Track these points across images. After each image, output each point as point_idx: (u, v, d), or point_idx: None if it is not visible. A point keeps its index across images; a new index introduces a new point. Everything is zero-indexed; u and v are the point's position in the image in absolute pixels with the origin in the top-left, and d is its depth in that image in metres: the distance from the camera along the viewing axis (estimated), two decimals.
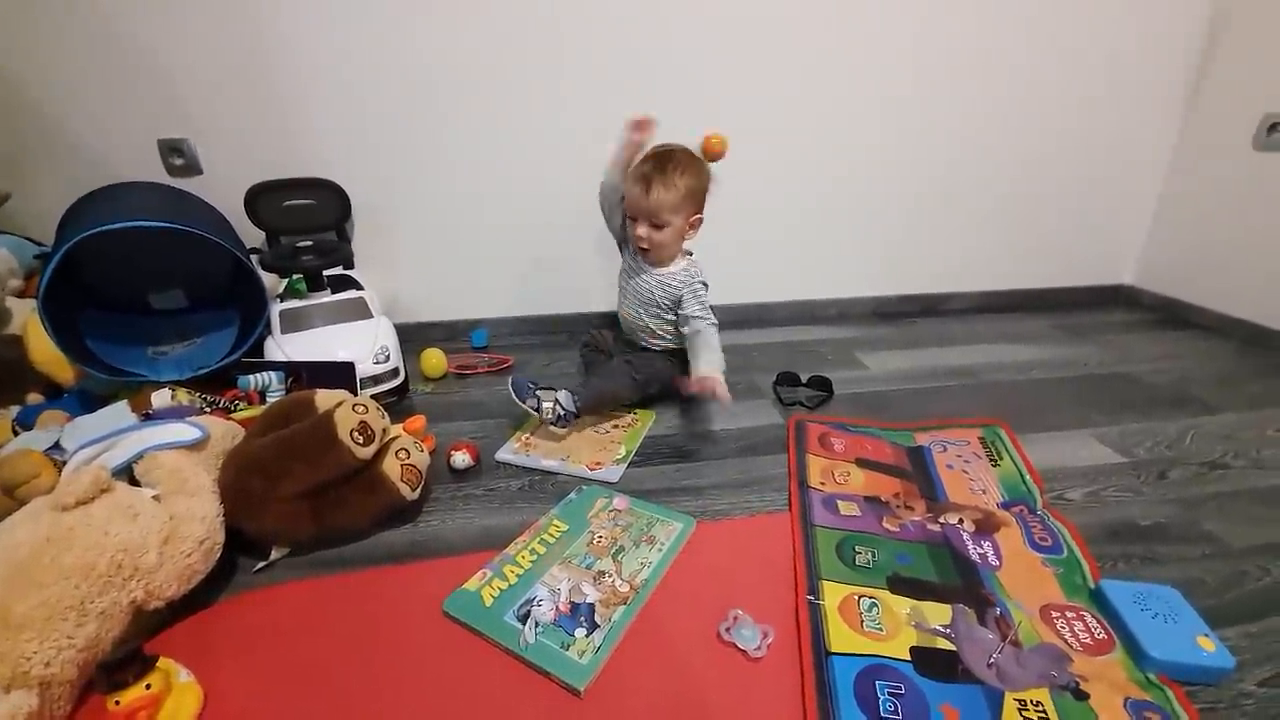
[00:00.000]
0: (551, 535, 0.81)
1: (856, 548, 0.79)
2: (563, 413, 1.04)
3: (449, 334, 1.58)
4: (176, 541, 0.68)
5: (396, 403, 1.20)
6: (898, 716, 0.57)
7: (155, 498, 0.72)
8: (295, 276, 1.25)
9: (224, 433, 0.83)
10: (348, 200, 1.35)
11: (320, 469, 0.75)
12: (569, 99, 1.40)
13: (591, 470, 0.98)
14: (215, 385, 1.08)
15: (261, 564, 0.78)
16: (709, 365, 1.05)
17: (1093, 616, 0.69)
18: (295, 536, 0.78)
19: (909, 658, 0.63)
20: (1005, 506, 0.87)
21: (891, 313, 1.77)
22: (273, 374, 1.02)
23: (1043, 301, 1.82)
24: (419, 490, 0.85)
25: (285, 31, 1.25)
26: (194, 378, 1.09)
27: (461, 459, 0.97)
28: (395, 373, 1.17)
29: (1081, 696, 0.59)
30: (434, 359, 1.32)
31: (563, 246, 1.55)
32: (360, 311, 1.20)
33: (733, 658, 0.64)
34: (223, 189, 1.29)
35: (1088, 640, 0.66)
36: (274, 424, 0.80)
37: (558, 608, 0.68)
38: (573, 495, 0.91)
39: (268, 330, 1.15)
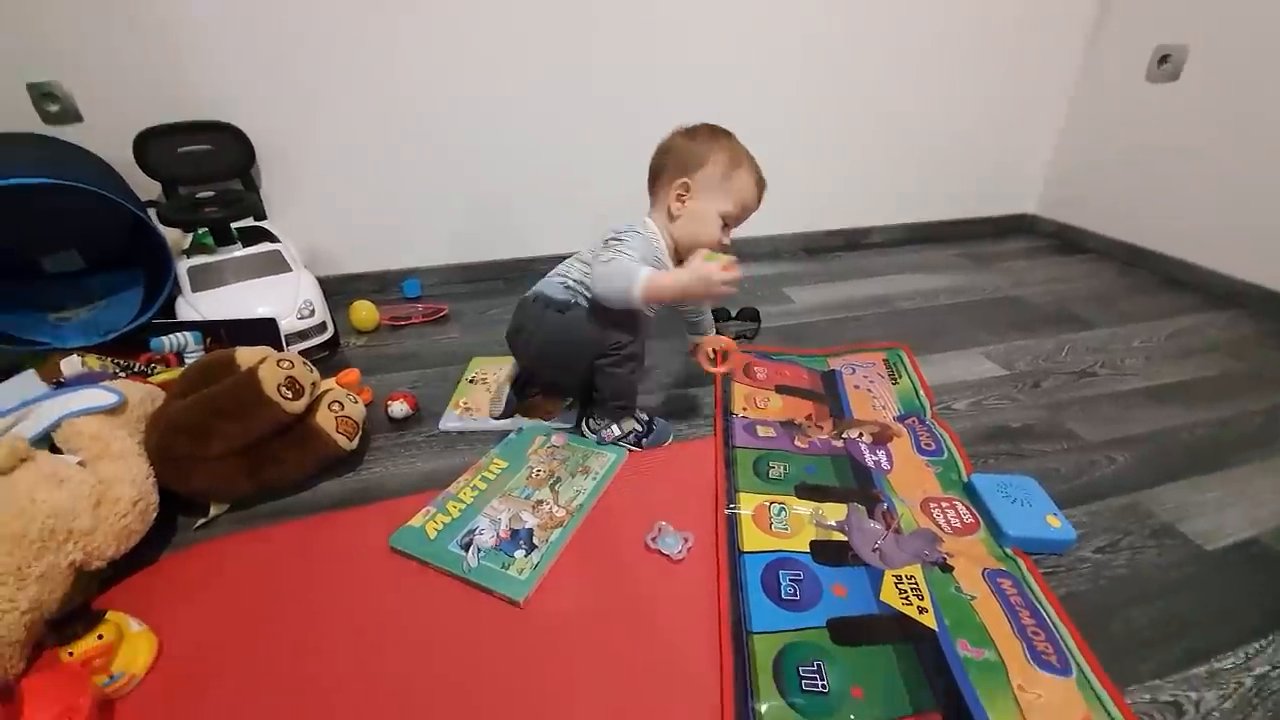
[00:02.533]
0: (492, 472, 0.86)
1: (770, 463, 0.87)
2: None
3: (379, 285, 1.55)
4: (109, 504, 0.68)
5: (328, 358, 1.19)
6: (796, 597, 0.66)
7: (80, 464, 0.72)
8: (200, 230, 1.19)
9: (143, 396, 0.82)
10: (250, 144, 1.27)
11: (249, 426, 0.76)
12: (505, 22, 1.34)
13: (547, 419, 1.00)
14: (129, 349, 1.04)
15: (202, 520, 0.79)
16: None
17: (963, 505, 0.80)
18: (231, 494, 0.79)
19: (808, 550, 0.72)
20: (900, 419, 0.98)
21: (818, 248, 1.84)
22: (189, 334, 1.00)
23: (956, 232, 1.93)
24: (357, 440, 0.87)
25: None
26: (104, 343, 1.05)
27: (399, 408, 0.99)
28: (322, 327, 1.15)
29: (947, 569, 0.70)
30: (364, 311, 1.30)
31: (499, 189, 1.52)
32: (277, 265, 1.16)
33: (657, 562, 0.72)
34: (108, 137, 1.19)
35: (957, 524, 0.77)
36: (194, 384, 0.79)
37: (499, 535, 0.74)
38: (512, 435, 0.95)
39: (177, 289, 1.10)
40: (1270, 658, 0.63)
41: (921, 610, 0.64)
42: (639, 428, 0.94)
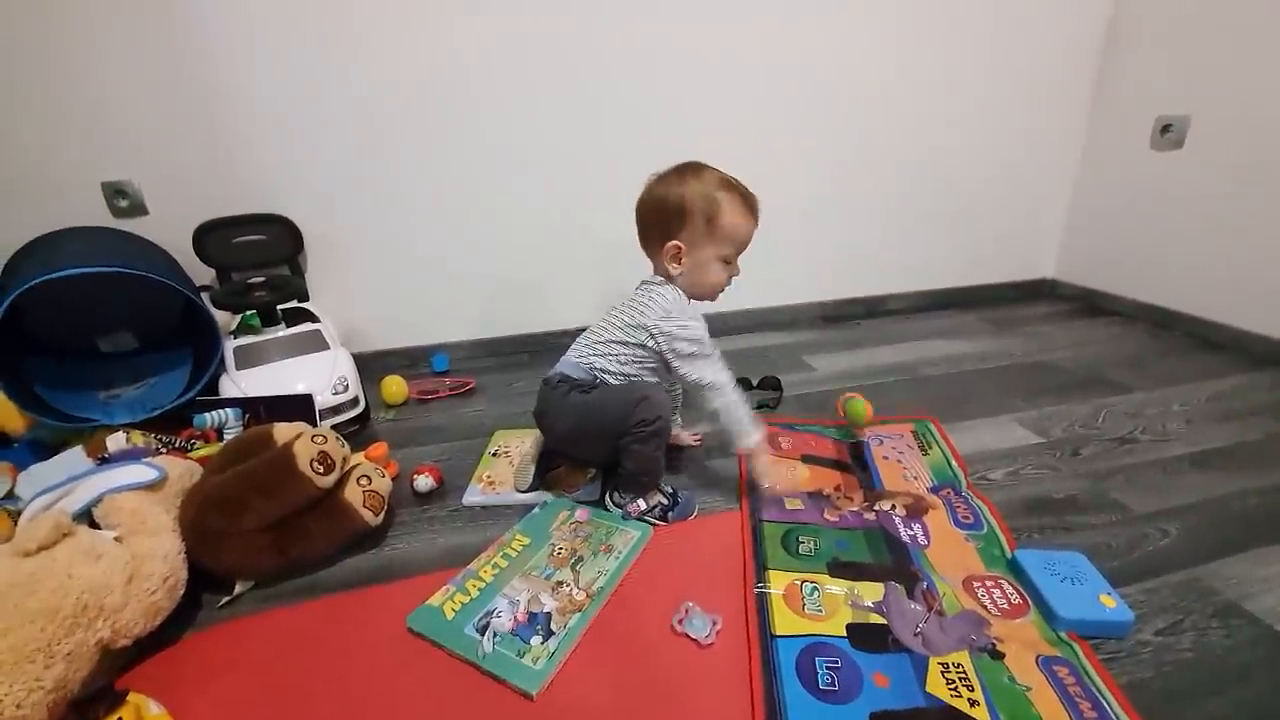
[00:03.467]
0: (514, 549, 0.85)
1: (800, 538, 0.85)
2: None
3: (409, 361, 1.60)
4: (140, 580, 0.69)
5: (358, 431, 1.22)
6: (834, 688, 0.62)
7: (116, 539, 0.73)
8: (248, 312, 1.26)
9: (182, 472, 0.84)
10: (299, 234, 1.37)
11: (281, 501, 0.77)
12: (520, 118, 1.45)
13: (570, 492, 0.99)
14: (171, 425, 1.09)
15: (226, 599, 0.79)
16: None
17: (1009, 584, 0.76)
18: (259, 570, 0.80)
19: (845, 634, 0.69)
20: (934, 490, 0.95)
21: (837, 316, 1.86)
22: (229, 411, 1.04)
23: (975, 297, 1.94)
24: (382, 515, 0.87)
25: (225, 68, 1.27)
26: (149, 419, 1.09)
27: (424, 482, 1.00)
28: (355, 402, 1.19)
29: (998, 656, 0.65)
30: (394, 386, 1.34)
31: (521, 266, 1.60)
32: (316, 343, 1.22)
33: (685, 647, 0.68)
34: (170, 228, 1.30)
35: (1005, 605, 0.73)
36: (232, 459, 0.81)
37: (516, 618, 0.72)
38: (536, 510, 0.94)
39: (222, 368, 1.15)
40: None
41: (973, 703, 0.60)
42: (664, 500, 0.92)
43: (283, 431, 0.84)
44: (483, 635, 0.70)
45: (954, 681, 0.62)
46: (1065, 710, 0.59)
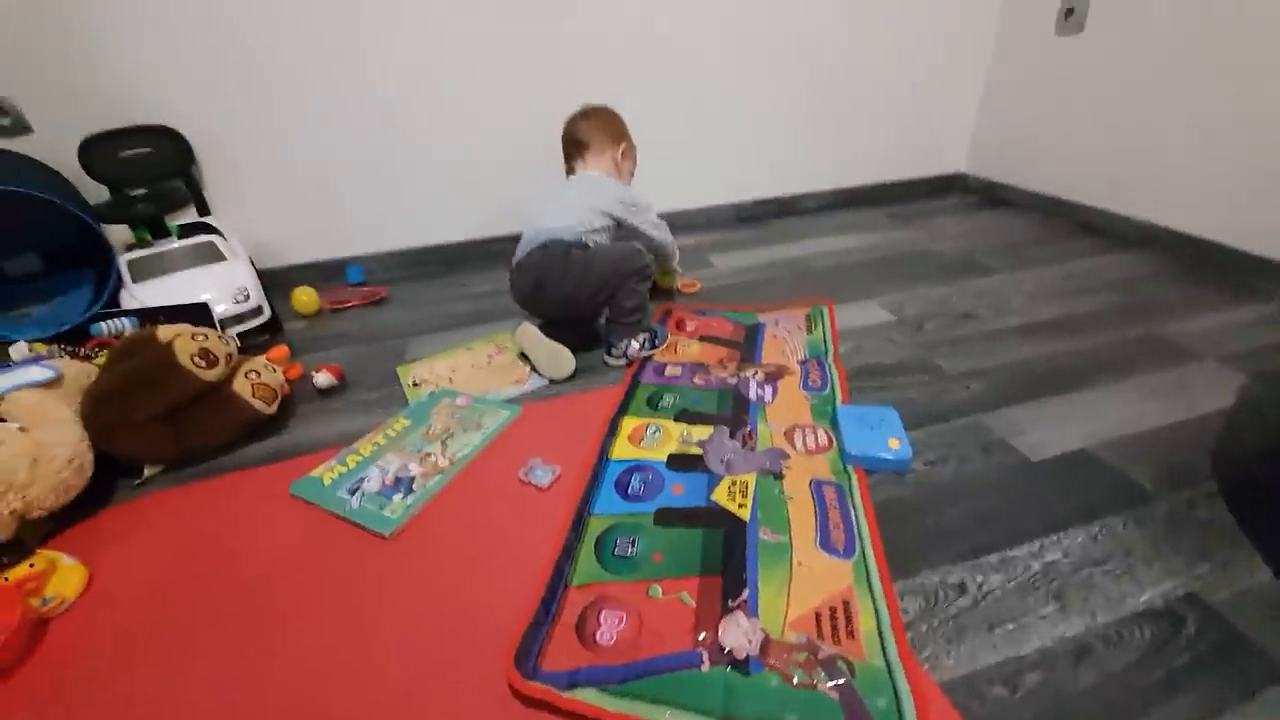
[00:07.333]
0: (394, 430, 0.95)
1: (664, 396, 0.98)
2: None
3: (324, 275, 1.63)
4: (46, 462, 0.79)
5: (268, 340, 1.29)
6: (641, 491, 0.78)
7: (22, 430, 0.82)
8: (138, 226, 1.29)
9: (78, 372, 0.92)
10: (186, 144, 1.36)
11: (166, 394, 0.86)
12: (425, 17, 1.42)
13: (519, 386, 1.06)
14: (77, 339, 1.14)
15: (138, 481, 0.90)
16: None
17: (824, 431, 0.88)
18: (160, 455, 0.90)
19: (665, 460, 0.83)
20: (803, 363, 1.06)
21: (752, 216, 1.91)
22: (126, 320, 1.09)
23: (889, 194, 1.99)
24: (275, 405, 0.97)
25: None
26: (56, 335, 1.15)
27: (323, 379, 1.09)
28: (258, 311, 1.25)
29: (779, 478, 0.79)
30: (305, 296, 1.40)
31: (433, 176, 1.61)
32: (212, 255, 1.26)
33: (527, 492, 0.81)
34: (57, 145, 1.28)
35: (812, 446, 0.85)
36: (119, 360, 0.89)
37: (384, 482, 0.83)
38: (423, 399, 1.04)
39: (121, 282, 1.20)
40: (1064, 547, 0.69)
41: (740, 506, 0.74)
42: (648, 334, 1.12)
43: (166, 332, 0.91)
44: (352, 496, 0.81)
45: (734, 493, 0.76)
46: (814, 514, 0.72)
